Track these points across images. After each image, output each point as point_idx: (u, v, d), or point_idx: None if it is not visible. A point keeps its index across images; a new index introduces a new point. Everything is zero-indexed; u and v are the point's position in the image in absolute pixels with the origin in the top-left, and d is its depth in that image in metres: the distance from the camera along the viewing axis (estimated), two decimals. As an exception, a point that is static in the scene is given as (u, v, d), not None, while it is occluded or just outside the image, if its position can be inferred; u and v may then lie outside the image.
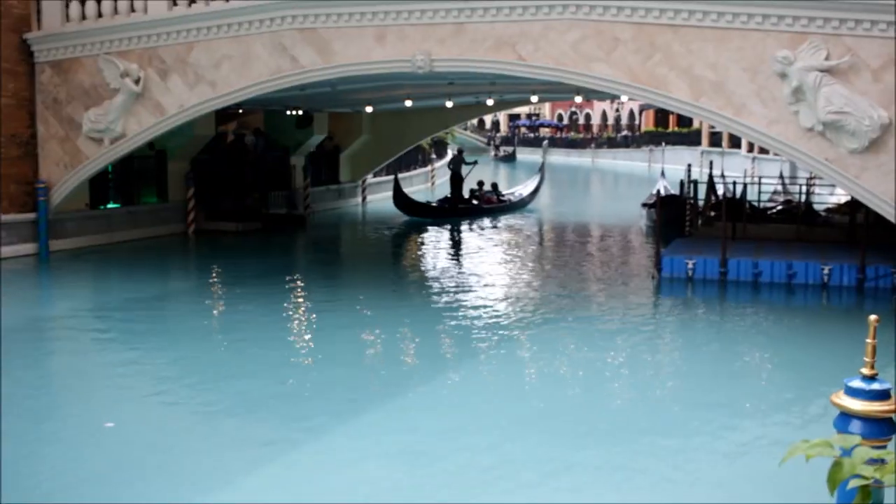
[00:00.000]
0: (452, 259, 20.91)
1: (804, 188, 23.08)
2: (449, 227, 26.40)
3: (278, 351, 11.68)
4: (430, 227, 26.56)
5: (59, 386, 10.59)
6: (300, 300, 15.77)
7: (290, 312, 14.61)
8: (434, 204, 28.66)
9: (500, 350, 11.98)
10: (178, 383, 10.30)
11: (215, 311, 14.92)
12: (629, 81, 14.59)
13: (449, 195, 29.74)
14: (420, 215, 27.56)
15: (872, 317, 3.87)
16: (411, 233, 25.72)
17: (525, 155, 75.09)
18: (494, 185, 32.15)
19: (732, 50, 13.84)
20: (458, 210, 28.59)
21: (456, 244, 23.69)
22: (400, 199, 27.69)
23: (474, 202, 29.95)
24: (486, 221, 27.97)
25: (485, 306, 14.57)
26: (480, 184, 31.34)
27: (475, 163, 31.73)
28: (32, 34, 19.22)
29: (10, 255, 18.48)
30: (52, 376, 11.09)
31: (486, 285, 16.63)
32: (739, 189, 23.17)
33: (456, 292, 15.94)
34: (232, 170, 26.14)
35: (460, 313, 14.05)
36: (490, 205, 30.32)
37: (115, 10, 18.44)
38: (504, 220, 28.49)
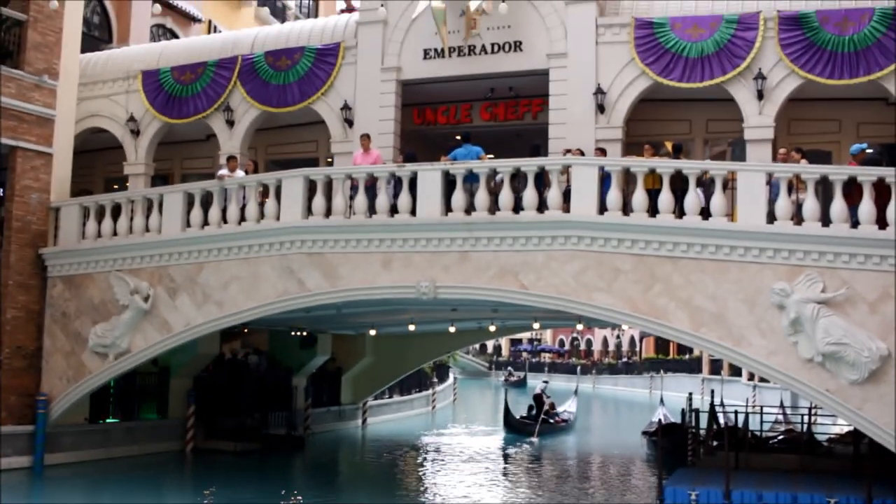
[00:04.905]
0: (455, 486, 20.50)
1: (806, 417, 22.93)
2: (474, 448, 27.64)
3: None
4: (430, 451, 26.26)
5: None
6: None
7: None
8: (528, 422, 32.53)
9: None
10: None
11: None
12: (630, 311, 14.83)
13: (527, 414, 34.03)
14: (520, 433, 31.40)
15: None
16: (411, 458, 25.38)
17: (530, 380, 74.89)
18: (553, 405, 35.24)
19: (731, 281, 14.16)
20: (541, 430, 31.96)
21: (457, 468, 23.31)
22: (508, 419, 32.24)
23: (550, 421, 33.60)
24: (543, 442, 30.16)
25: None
26: (548, 405, 34.66)
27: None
28: (48, 249, 19.76)
29: (4, 468, 18.12)
30: None
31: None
32: (741, 418, 23.03)
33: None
34: (233, 389, 26.08)
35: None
36: (559, 424, 34.38)
37: (130, 230, 18.99)
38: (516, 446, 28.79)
